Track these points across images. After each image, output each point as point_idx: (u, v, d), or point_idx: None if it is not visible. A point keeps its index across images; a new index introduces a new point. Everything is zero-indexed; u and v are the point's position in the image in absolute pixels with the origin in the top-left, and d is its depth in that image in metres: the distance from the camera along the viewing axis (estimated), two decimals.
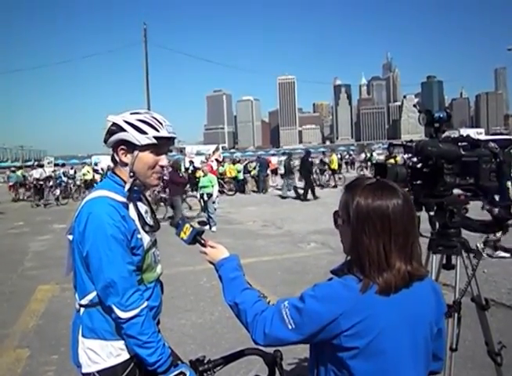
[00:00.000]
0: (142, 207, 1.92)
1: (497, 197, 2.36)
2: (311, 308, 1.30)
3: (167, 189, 16.33)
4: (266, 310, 1.40)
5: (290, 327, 1.32)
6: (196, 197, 12.68)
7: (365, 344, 1.26)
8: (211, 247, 1.74)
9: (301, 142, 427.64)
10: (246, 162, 25.63)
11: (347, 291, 1.29)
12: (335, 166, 21.79)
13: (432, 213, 2.30)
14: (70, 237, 1.79)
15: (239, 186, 22.51)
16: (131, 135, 1.77)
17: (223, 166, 23.31)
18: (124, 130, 1.78)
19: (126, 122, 1.79)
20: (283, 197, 18.61)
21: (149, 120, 1.80)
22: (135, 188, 1.86)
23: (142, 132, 1.77)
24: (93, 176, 21.30)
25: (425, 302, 1.37)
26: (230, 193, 21.27)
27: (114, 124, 1.81)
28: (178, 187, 12.26)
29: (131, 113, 1.84)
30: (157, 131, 1.79)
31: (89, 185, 19.25)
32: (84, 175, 21.73)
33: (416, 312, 1.33)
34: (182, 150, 34.50)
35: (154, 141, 1.78)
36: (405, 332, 1.30)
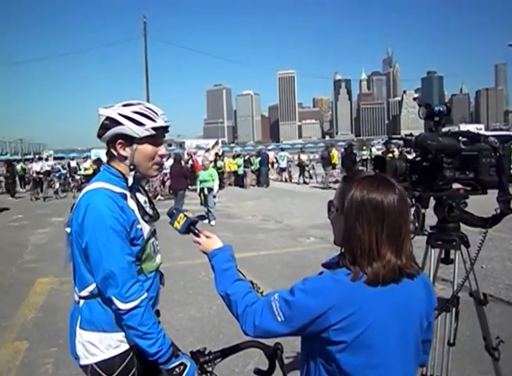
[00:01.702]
0: (141, 198, 1.91)
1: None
2: (301, 301, 1.31)
3: (168, 183, 16.41)
4: (257, 302, 1.42)
5: (279, 319, 1.33)
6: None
7: (353, 338, 1.27)
8: (206, 237, 1.74)
9: (300, 137, 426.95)
10: (247, 156, 25.64)
11: (337, 285, 1.29)
12: (336, 161, 21.71)
13: (424, 211, 2.28)
14: (68, 230, 1.79)
15: (240, 180, 22.54)
16: (129, 129, 1.74)
17: (222, 160, 23.24)
18: (121, 123, 1.75)
19: (121, 115, 1.75)
20: (324, 188, 19.11)
21: (145, 111, 1.78)
22: (135, 179, 1.86)
23: (140, 124, 1.75)
24: (94, 171, 20.15)
25: (415, 297, 1.37)
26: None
27: (108, 118, 1.77)
28: (181, 179, 12.25)
29: (124, 105, 1.80)
30: (154, 121, 1.77)
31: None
32: (85, 169, 20.18)
33: (405, 307, 1.33)
34: (181, 144, 34.52)
35: (152, 132, 1.76)
36: (394, 326, 1.31)
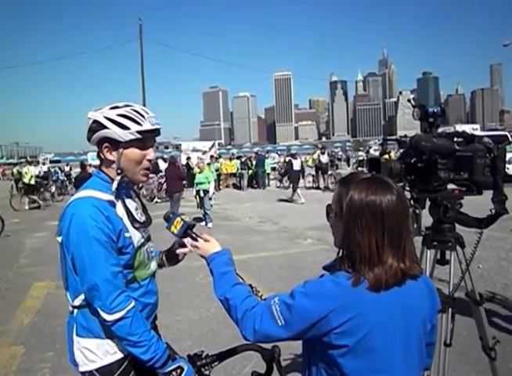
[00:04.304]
0: (132, 204, 1.87)
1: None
2: (301, 305, 1.29)
3: (165, 186, 16.40)
4: (256, 306, 1.39)
5: (279, 323, 1.31)
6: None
7: (355, 342, 1.25)
8: (205, 240, 1.73)
9: (297, 138, 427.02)
10: (245, 158, 25.64)
11: (338, 288, 1.27)
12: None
13: (418, 211, 2.28)
14: (59, 239, 1.75)
15: (237, 182, 22.57)
16: (114, 132, 1.71)
17: (218, 162, 23.15)
18: (106, 127, 1.72)
19: (107, 118, 1.72)
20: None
21: (130, 114, 1.73)
22: (124, 184, 1.82)
23: (125, 128, 1.71)
24: (36, 179, 17.71)
25: (418, 299, 1.35)
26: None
27: (95, 121, 1.74)
28: (176, 182, 12.25)
29: (111, 108, 1.76)
30: (140, 125, 1.72)
31: (31, 190, 17.14)
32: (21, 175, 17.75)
33: (408, 310, 1.31)
34: (178, 147, 34.57)
35: (138, 136, 1.72)
36: (396, 330, 1.29)
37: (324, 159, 19.36)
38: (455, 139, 2.38)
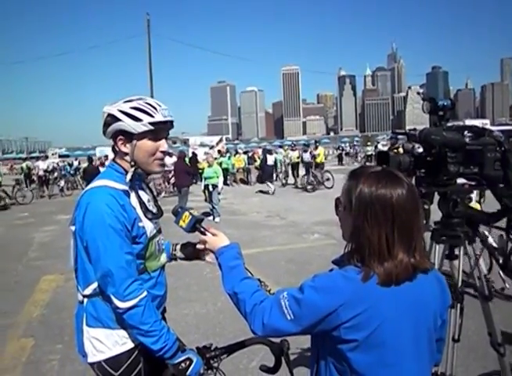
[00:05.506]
0: (144, 196, 1.90)
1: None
2: (310, 299, 1.27)
3: (172, 180, 16.47)
4: (265, 300, 1.39)
5: (288, 317, 1.30)
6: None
7: (365, 336, 1.24)
8: (213, 234, 1.73)
9: (304, 133, 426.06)
10: (251, 153, 25.69)
11: (348, 282, 1.26)
12: (321, 160, 19.05)
13: (426, 207, 2.26)
14: (73, 228, 1.78)
15: (245, 176, 22.60)
16: (127, 124, 1.74)
17: (225, 157, 23.11)
18: (119, 120, 1.75)
19: (120, 111, 1.76)
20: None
21: (143, 106, 1.77)
22: (136, 176, 1.84)
23: (137, 120, 1.74)
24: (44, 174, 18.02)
25: (429, 294, 1.34)
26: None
27: (109, 115, 1.78)
28: (185, 177, 12.30)
29: (125, 102, 1.80)
30: (152, 116, 1.75)
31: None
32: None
33: (419, 305, 1.30)
34: (185, 142, 34.72)
35: (150, 127, 1.75)
36: (407, 324, 1.28)
37: (305, 157, 18.64)
38: (465, 133, 2.35)
